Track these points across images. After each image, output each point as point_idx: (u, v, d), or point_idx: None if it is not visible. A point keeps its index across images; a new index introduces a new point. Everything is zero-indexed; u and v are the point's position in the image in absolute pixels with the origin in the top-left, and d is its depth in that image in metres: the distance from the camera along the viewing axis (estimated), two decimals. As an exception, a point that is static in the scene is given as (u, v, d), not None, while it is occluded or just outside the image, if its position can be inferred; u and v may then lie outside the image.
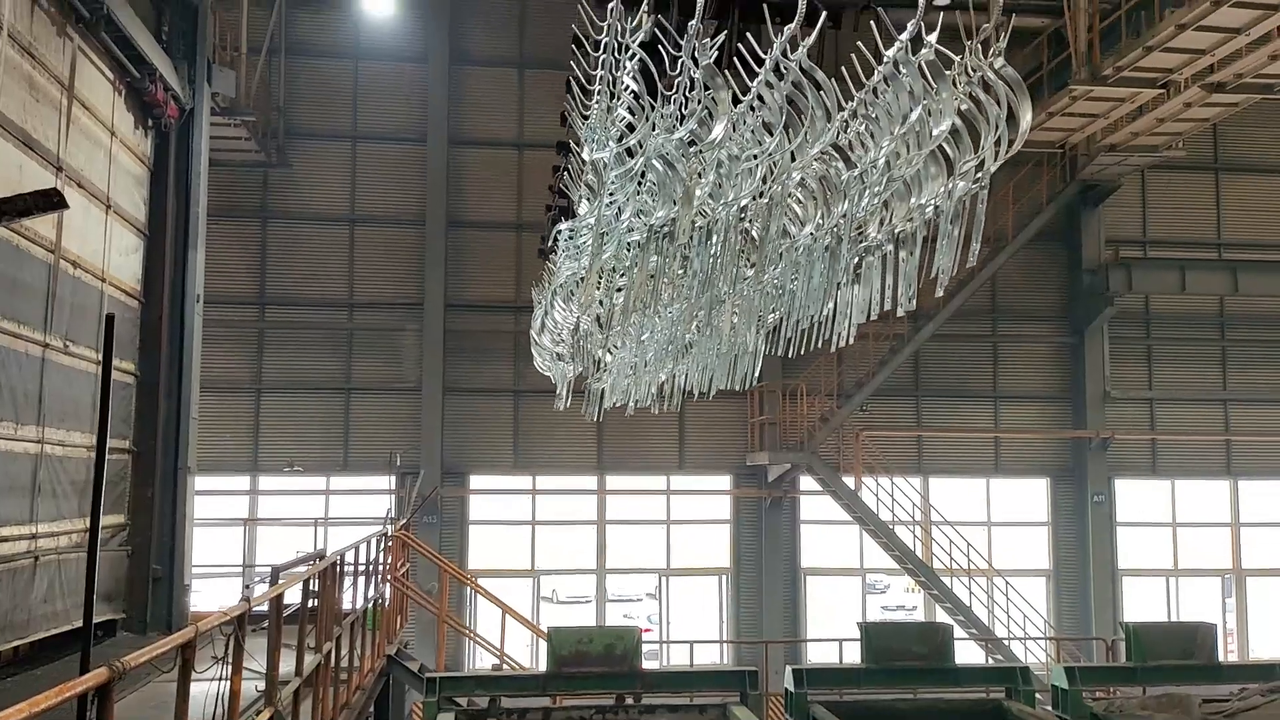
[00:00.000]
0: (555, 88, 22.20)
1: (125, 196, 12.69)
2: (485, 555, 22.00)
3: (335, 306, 22.09)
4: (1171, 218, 24.16)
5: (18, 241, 9.96)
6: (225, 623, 5.27)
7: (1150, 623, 13.75)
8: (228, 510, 21.54)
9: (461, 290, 22.27)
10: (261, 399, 21.78)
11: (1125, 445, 23.25)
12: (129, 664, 3.59)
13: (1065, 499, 23.27)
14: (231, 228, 21.27)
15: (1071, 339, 23.33)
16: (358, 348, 22.14)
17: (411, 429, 21.79)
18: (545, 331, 12.20)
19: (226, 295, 20.48)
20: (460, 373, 22.10)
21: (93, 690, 3.56)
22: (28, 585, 10.05)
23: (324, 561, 8.68)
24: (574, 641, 10.71)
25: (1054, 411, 23.30)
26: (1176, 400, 23.79)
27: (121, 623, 12.76)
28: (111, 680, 3.50)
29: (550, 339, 12.17)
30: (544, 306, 10.99)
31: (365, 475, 21.84)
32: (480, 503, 22.36)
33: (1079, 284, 23.24)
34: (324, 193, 22.21)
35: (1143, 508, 23.65)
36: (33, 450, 10.33)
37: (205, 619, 5.00)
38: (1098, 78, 17.36)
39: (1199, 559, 23.75)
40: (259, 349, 21.83)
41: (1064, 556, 23.15)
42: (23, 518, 10.14)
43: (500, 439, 22.16)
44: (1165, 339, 23.93)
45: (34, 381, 10.37)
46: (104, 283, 12.03)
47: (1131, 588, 23.40)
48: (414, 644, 16.33)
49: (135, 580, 12.94)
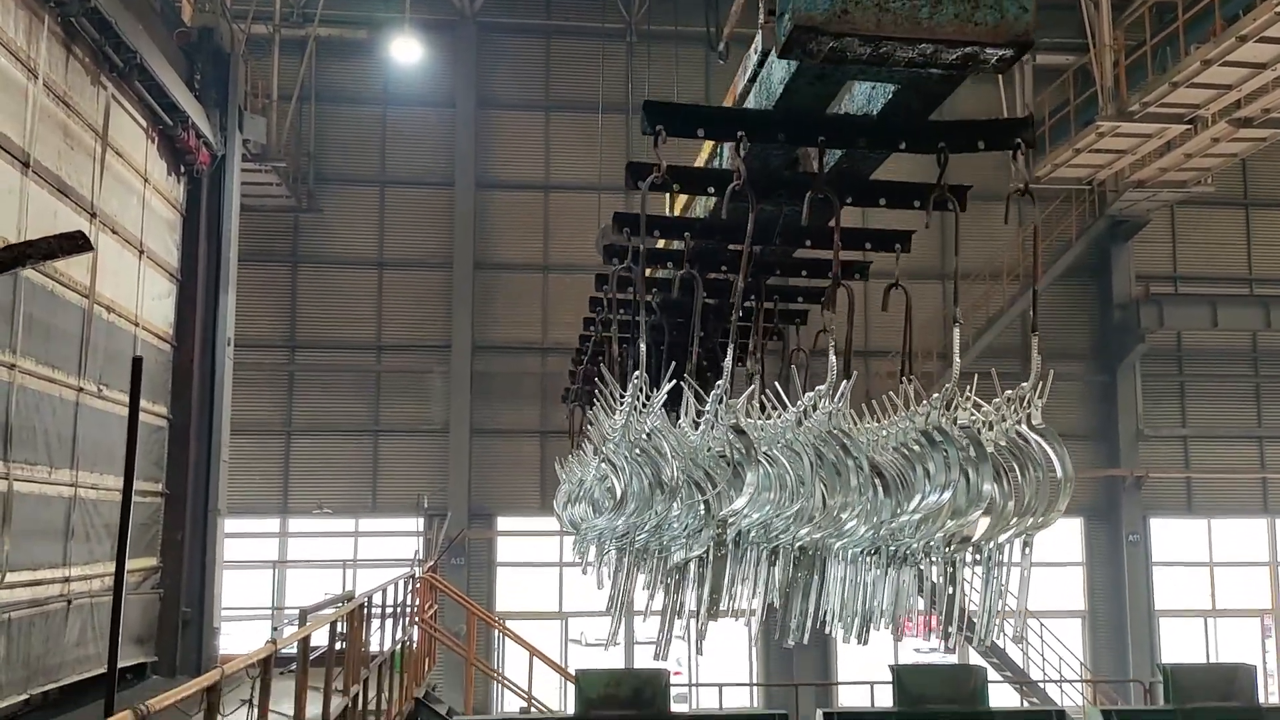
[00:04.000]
0: (581, 129, 22.68)
1: (158, 241, 12.86)
2: (513, 597, 21.92)
3: (364, 349, 22.24)
4: (1202, 253, 23.98)
5: (52, 287, 10.10)
6: (251, 665, 5.26)
7: (1188, 664, 13.49)
8: (258, 553, 21.59)
9: (488, 332, 22.38)
10: (291, 441, 21.90)
11: (1160, 484, 22.95)
12: (153, 707, 3.59)
13: (1099, 539, 22.95)
14: (262, 272, 21.49)
15: (1103, 377, 23.12)
16: (385, 390, 22.25)
17: (439, 470, 21.82)
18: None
19: (257, 339, 20.67)
20: (487, 414, 22.15)
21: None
22: (60, 628, 10.10)
23: (351, 604, 8.67)
24: (602, 684, 10.63)
25: (1087, 450, 23.02)
26: (1211, 437, 23.49)
27: (152, 666, 12.78)
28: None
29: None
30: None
31: (393, 517, 21.88)
32: (508, 545, 22.32)
33: (1110, 321, 23.06)
34: (353, 237, 22.44)
35: (1179, 547, 23.29)
36: (66, 494, 10.41)
37: (232, 661, 5.00)
38: (1124, 113, 17.33)
39: (1237, 599, 23.32)
40: (289, 392, 21.98)
41: (1099, 597, 22.80)
42: (56, 561, 10.21)
43: (527, 480, 22.15)
44: (1198, 375, 23.66)
45: (68, 426, 10.47)
46: (137, 326, 12.17)
47: (1169, 628, 22.98)
48: (442, 687, 16.25)
49: (165, 623, 12.98)
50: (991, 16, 3.36)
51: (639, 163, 4.26)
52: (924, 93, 3.96)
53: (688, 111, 4.14)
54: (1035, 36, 3.45)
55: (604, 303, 6.77)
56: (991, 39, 3.38)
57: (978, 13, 3.36)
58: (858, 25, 3.29)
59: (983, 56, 3.45)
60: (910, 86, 3.87)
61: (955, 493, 4.02)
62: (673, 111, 4.09)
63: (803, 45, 3.37)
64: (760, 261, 5.45)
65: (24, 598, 9.43)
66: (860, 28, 3.30)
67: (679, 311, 6.22)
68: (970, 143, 4.20)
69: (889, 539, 4.28)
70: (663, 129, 4.03)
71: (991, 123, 4.25)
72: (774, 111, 4.08)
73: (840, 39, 3.34)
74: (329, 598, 9.85)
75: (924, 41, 3.36)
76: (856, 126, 4.18)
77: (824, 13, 3.28)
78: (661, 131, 4.02)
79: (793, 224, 4.59)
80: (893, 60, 3.45)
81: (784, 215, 4.82)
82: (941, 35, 3.35)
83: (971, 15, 3.35)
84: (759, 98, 4.25)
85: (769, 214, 4.73)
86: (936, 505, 4.05)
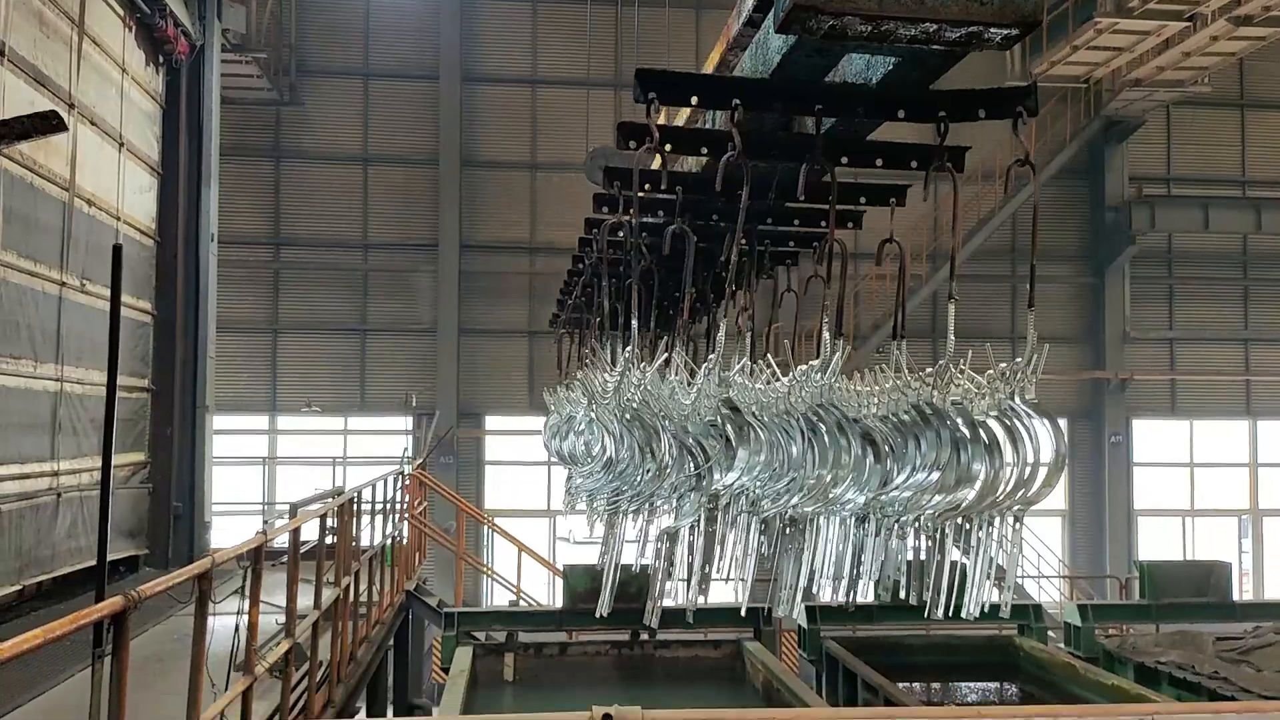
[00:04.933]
0: (570, 22, 22.17)
1: (138, 134, 12.62)
2: (501, 495, 22.16)
3: (350, 248, 22.06)
4: (1196, 155, 23.81)
5: (31, 179, 9.93)
6: (242, 557, 5.30)
7: (1165, 561, 13.78)
8: (248, 449, 21.72)
9: (476, 231, 22.19)
10: (279, 339, 21.86)
11: (1144, 386, 23.14)
12: (144, 593, 3.61)
13: (1082, 440, 23.21)
14: (245, 167, 21.18)
15: (1092, 279, 23.12)
16: (373, 289, 22.14)
17: (428, 370, 21.86)
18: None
19: (241, 236, 20.46)
20: (475, 314, 22.10)
21: (108, 618, 3.59)
22: (51, 521, 10.18)
23: (341, 498, 8.73)
24: (589, 579, 10.80)
25: (1073, 352, 23.15)
26: (1197, 340, 23.63)
27: (144, 559, 12.92)
28: (127, 609, 3.52)
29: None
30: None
31: (382, 415, 21.98)
32: (496, 443, 22.47)
33: (1101, 223, 22.98)
34: (337, 131, 22.08)
35: (1160, 448, 23.60)
36: (52, 388, 10.39)
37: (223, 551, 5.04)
38: (1123, 10, 17.03)
39: (1216, 499, 23.72)
40: (275, 290, 21.86)
41: (1080, 497, 23.16)
42: (44, 455, 10.23)
43: (516, 380, 22.21)
44: (1187, 278, 23.70)
45: (52, 320, 10.40)
46: (119, 221, 12.01)
47: (1147, 528, 23.41)
48: (434, 581, 16.51)
49: (156, 517, 13.09)
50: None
51: (630, 123, 4.12)
52: (925, 66, 3.89)
53: (682, 80, 4.05)
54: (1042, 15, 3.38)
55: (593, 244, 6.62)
56: (997, 19, 3.30)
57: None
58: (859, 4, 3.21)
59: (986, 35, 3.37)
60: (911, 59, 3.80)
61: (945, 471, 4.03)
62: (667, 80, 3.98)
63: (801, 22, 3.28)
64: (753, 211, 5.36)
65: (13, 491, 9.48)
66: (861, 7, 3.21)
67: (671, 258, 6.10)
68: (971, 111, 4.15)
69: (877, 508, 4.30)
70: (655, 97, 3.91)
71: (993, 91, 4.16)
72: (770, 80, 3.99)
73: (840, 18, 3.25)
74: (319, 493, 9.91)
75: (927, 21, 3.28)
76: (855, 96, 4.11)
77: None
78: (654, 100, 3.91)
79: (787, 179, 4.50)
80: (894, 38, 3.39)
81: (779, 171, 4.73)
82: (945, 15, 3.26)
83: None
84: (755, 61, 4.15)
85: (763, 171, 4.65)
86: (925, 484, 4.07)
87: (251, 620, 5.00)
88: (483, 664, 10.90)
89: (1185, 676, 9.42)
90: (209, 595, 4.38)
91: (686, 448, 4.41)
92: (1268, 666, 9.48)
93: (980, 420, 4.10)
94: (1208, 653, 9.99)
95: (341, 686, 7.90)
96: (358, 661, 8.97)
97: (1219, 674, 9.28)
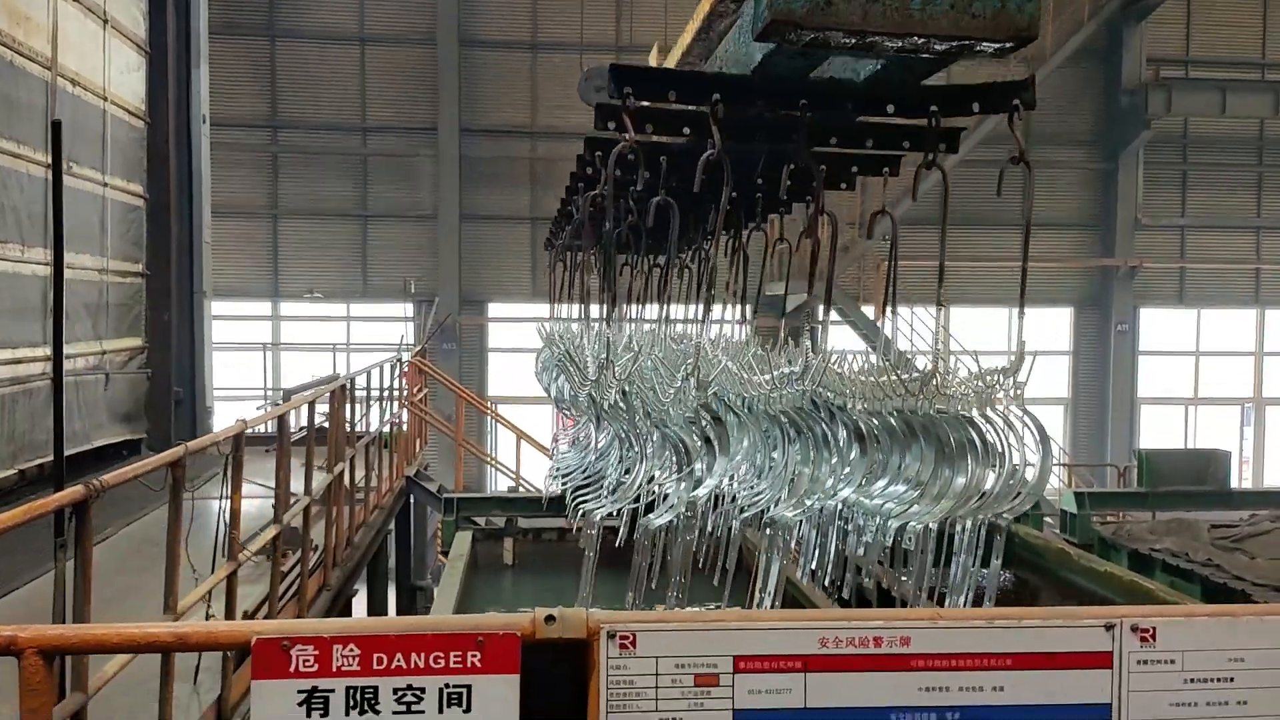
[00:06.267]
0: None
1: (123, 11, 12.24)
2: (504, 383, 22.18)
3: (348, 131, 21.67)
4: (1215, 36, 23.09)
5: (11, 58, 9.65)
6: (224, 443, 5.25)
7: (1164, 449, 13.75)
8: (251, 335, 21.71)
9: (476, 115, 21.74)
10: (279, 225, 21.64)
11: (1153, 274, 22.89)
12: (107, 482, 3.54)
13: (1088, 328, 23.08)
14: (239, 47, 20.69)
15: (1105, 164, 22.68)
16: (373, 174, 21.82)
17: (429, 256, 21.67)
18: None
19: (237, 119, 20.11)
20: (477, 200, 21.80)
21: (69, 508, 3.55)
22: (44, 406, 10.16)
23: (334, 383, 8.68)
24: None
25: (1082, 239, 22.85)
26: (1208, 227, 23.27)
27: (146, 444, 12.98)
28: (88, 498, 3.46)
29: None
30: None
31: (385, 302, 21.88)
32: (499, 331, 22.41)
33: (1116, 106, 22.43)
34: (331, 8, 21.47)
35: (1166, 337, 23.47)
36: (42, 273, 10.27)
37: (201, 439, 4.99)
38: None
39: (1220, 388, 23.68)
40: (274, 174, 21.55)
41: (1083, 385, 23.13)
42: (36, 340, 10.17)
43: (518, 267, 22.03)
44: (1201, 164, 23.22)
45: (38, 203, 10.22)
46: (106, 101, 11.73)
47: (1150, 416, 23.43)
48: (436, 468, 16.63)
49: (156, 403, 13.10)
50: (990, 7, 3.07)
51: (608, 104, 3.84)
52: (914, 70, 3.71)
53: (659, 75, 3.84)
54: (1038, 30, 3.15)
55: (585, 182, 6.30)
56: (990, 34, 3.10)
57: (975, 3, 3.06)
58: (842, 19, 3.01)
59: (978, 48, 3.19)
60: (899, 64, 3.60)
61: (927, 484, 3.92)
62: (642, 75, 3.74)
63: (781, 35, 3.09)
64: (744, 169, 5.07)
65: (5, 376, 9.45)
66: (845, 22, 3.01)
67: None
68: (965, 106, 3.96)
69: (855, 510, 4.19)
70: (630, 92, 3.65)
71: (988, 86, 3.94)
72: (752, 77, 3.76)
73: (823, 31, 3.06)
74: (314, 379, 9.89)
75: (914, 35, 3.08)
76: (842, 92, 3.90)
77: (804, 6, 2.99)
78: (630, 95, 3.66)
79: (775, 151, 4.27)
80: (879, 49, 3.22)
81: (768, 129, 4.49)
82: (934, 30, 3.06)
83: (969, 7, 3.06)
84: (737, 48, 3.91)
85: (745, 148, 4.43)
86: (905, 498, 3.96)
87: (234, 507, 4.96)
88: (483, 548, 10.99)
89: (1179, 564, 9.42)
90: (182, 483, 4.33)
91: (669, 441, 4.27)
92: (1261, 554, 9.47)
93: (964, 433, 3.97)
94: (1202, 540, 9.98)
95: (338, 570, 7.96)
96: (355, 546, 9.03)
97: (1212, 561, 9.28)
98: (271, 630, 1.90)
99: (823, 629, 2.09)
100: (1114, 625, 2.19)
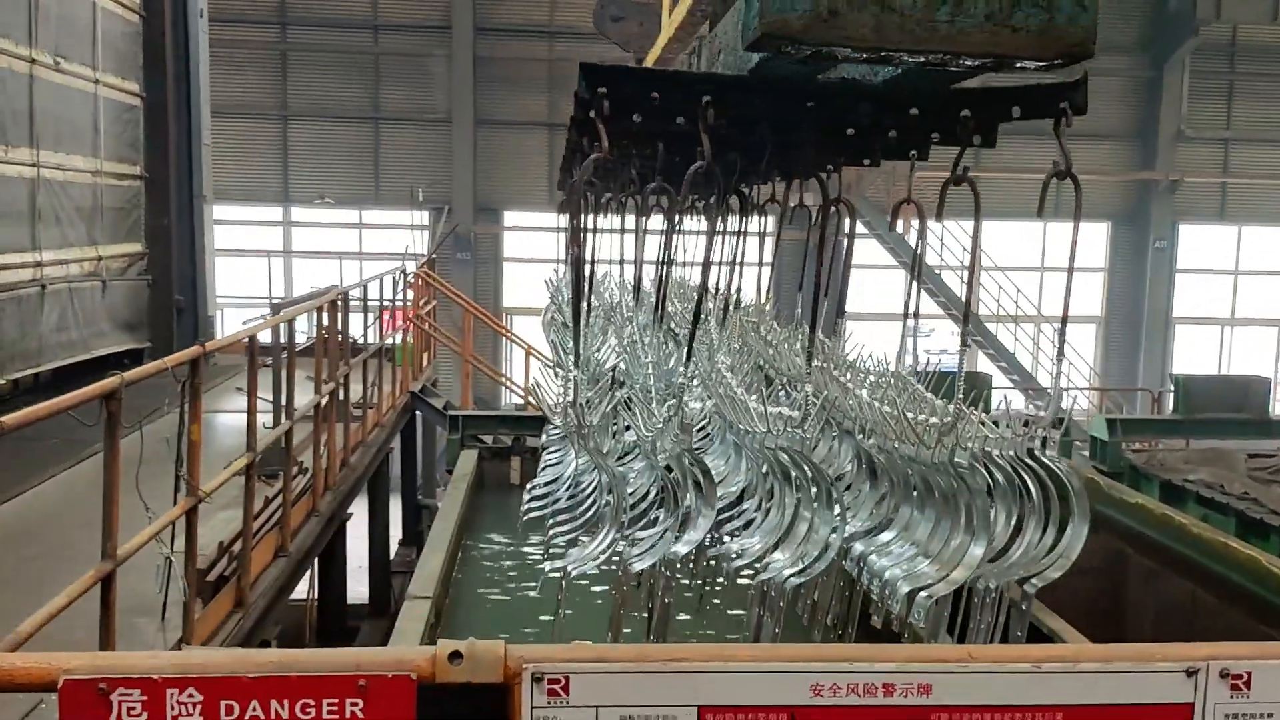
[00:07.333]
0: None
1: (112, -104, 11.56)
2: (520, 293, 21.70)
3: (359, 28, 20.89)
4: (1272, -63, 21.85)
5: (-12, -58, 9.07)
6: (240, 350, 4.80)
7: (1202, 375, 13.23)
8: (262, 242, 21.26)
9: (491, 13, 20.88)
10: (289, 127, 21.01)
11: (1194, 188, 22.01)
12: (130, 378, 3.90)
13: (1125, 244, 22.30)
14: (246, -60, 19.86)
15: (1149, 72, 21.66)
16: (385, 74, 21.07)
17: (443, 162, 21.03)
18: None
19: (240, 14, 19.37)
20: (493, 104, 21.06)
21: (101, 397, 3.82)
22: (35, 313, 9.80)
23: (329, 295, 8.25)
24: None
25: (1122, 151, 21.95)
26: (1253, 141, 22.29)
27: (148, 352, 12.64)
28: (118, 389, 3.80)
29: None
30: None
31: (397, 209, 21.31)
32: (514, 240, 21.86)
33: (1163, 11, 21.35)
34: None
35: (1205, 255, 22.66)
36: (28, 174, 9.81)
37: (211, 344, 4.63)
38: None
39: (1258, 308, 22.92)
40: (283, 73, 20.86)
41: (1117, 303, 22.44)
42: (24, 244, 9.75)
43: (535, 174, 21.36)
44: (1248, 74, 22.16)
45: (22, 100, 9.71)
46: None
47: (1184, 336, 22.74)
48: (445, 383, 16.26)
49: (158, 310, 12.73)
50: (1036, 21, 2.41)
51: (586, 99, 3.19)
52: (938, 80, 3.05)
53: (638, 74, 3.27)
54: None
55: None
56: (1034, 52, 2.48)
57: (1016, 14, 2.40)
58: (850, 33, 2.39)
59: (1018, 65, 2.59)
60: (920, 73, 2.91)
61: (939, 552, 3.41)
62: (620, 75, 3.13)
63: (775, 47, 2.50)
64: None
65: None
66: (853, 36, 2.40)
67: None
68: (1003, 111, 3.25)
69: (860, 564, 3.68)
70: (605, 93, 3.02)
71: (1031, 89, 3.20)
72: (750, 77, 3.12)
73: (825, 46, 2.46)
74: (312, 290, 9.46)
75: (939, 52, 2.46)
76: (856, 93, 3.26)
77: (802, 16, 2.37)
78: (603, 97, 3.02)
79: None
80: (897, 61, 2.61)
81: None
82: (965, 47, 2.44)
83: (1008, 18, 2.40)
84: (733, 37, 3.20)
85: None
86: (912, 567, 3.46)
87: (193, 438, 4.55)
88: (489, 467, 10.66)
89: (1214, 496, 8.99)
90: (200, 387, 4.01)
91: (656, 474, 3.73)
92: (1302, 488, 9.03)
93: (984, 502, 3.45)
94: (1239, 471, 9.54)
95: (329, 494, 7.60)
96: (351, 467, 8.68)
97: (1249, 494, 8.85)
98: (83, 668, 1.42)
99: (816, 672, 1.61)
100: (1197, 670, 1.72)
